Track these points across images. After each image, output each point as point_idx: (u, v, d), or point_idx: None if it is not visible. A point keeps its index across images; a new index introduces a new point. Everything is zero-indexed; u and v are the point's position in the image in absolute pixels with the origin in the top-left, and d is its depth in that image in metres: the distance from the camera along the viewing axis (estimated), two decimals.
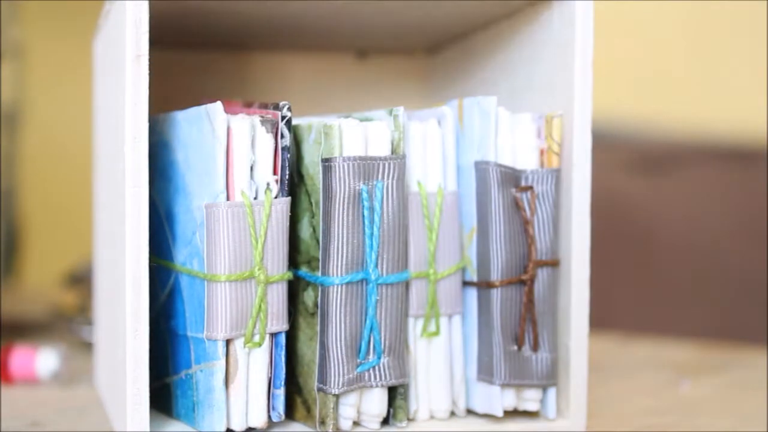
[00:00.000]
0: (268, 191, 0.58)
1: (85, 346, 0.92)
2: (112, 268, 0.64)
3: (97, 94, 0.77)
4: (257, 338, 0.58)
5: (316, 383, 0.60)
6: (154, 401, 0.62)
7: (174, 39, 0.75)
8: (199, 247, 0.58)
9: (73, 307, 1.03)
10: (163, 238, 0.63)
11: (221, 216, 0.57)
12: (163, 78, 0.70)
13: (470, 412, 0.65)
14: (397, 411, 0.61)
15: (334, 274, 0.59)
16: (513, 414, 0.64)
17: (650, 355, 0.98)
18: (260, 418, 0.59)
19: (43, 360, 0.78)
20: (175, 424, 0.62)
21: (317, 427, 0.60)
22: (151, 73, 0.57)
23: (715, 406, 0.76)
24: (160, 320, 0.64)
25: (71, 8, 1.59)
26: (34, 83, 1.68)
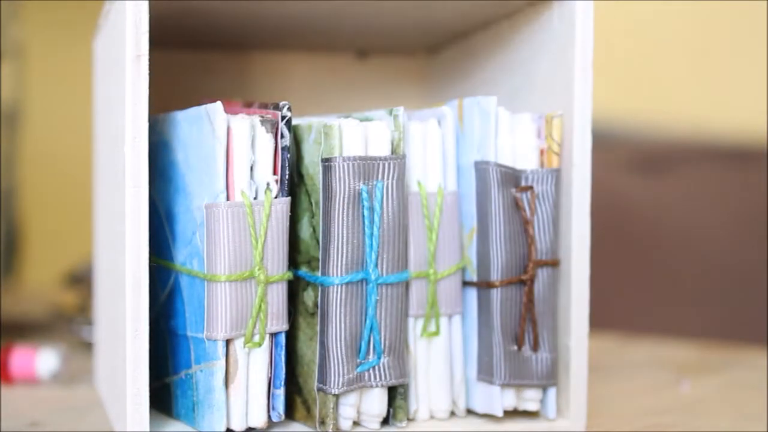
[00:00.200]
0: (268, 191, 0.58)
1: (85, 346, 0.92)
2: (112, 268, 0.64)
3: (97, 94, 0.77)
4: (257, 338, 0.58)
5: (316, 383, 0.60)
6: (154, 401, 0.62)
7: (174, 39, 0.75)
8: (199, 247, 0.58)
9: (73, 307, 1.02)
10: (163, 238, 0.63)
11: (221, 216, 0.57)
12: (163, 78, 0.70)
13: (470, 412, 0.65)
14: (397, 411, 0.61)
15: (334, 274, 0.59)
16: (513, 414, 0.64)
17: (650, 355, 0.98)
18: (260, 418, 0.59)
19: (43, 360, 0.78)
20: (175, 424, 0.62)
21: (317, 427, 0.60)
22: (151, 73, 0.57)
23: (715, 406, 0.76)
24: (160, 320, 0.64)
25: (71, 8, 1.58)
26: (34, 83, 1.68)
